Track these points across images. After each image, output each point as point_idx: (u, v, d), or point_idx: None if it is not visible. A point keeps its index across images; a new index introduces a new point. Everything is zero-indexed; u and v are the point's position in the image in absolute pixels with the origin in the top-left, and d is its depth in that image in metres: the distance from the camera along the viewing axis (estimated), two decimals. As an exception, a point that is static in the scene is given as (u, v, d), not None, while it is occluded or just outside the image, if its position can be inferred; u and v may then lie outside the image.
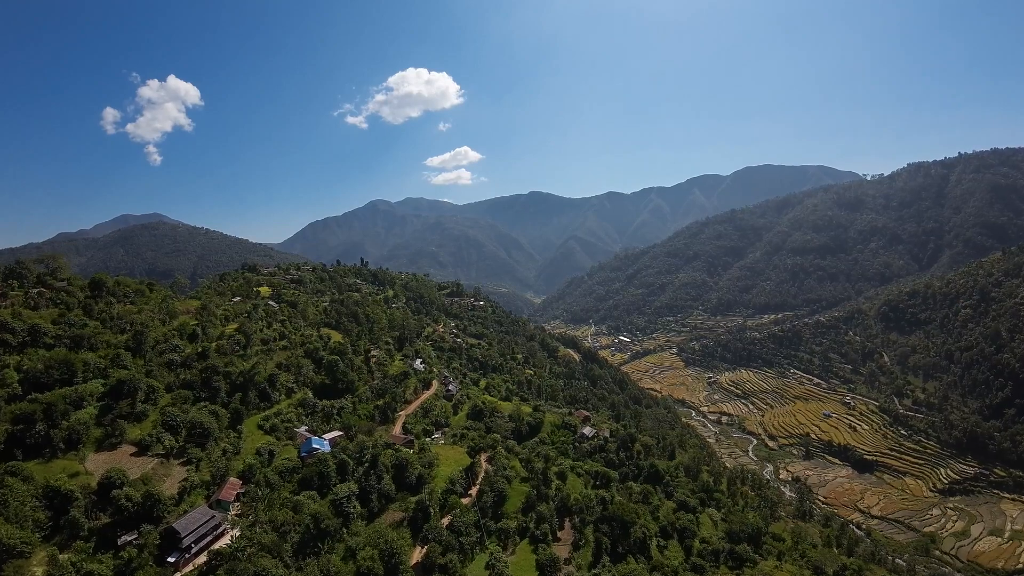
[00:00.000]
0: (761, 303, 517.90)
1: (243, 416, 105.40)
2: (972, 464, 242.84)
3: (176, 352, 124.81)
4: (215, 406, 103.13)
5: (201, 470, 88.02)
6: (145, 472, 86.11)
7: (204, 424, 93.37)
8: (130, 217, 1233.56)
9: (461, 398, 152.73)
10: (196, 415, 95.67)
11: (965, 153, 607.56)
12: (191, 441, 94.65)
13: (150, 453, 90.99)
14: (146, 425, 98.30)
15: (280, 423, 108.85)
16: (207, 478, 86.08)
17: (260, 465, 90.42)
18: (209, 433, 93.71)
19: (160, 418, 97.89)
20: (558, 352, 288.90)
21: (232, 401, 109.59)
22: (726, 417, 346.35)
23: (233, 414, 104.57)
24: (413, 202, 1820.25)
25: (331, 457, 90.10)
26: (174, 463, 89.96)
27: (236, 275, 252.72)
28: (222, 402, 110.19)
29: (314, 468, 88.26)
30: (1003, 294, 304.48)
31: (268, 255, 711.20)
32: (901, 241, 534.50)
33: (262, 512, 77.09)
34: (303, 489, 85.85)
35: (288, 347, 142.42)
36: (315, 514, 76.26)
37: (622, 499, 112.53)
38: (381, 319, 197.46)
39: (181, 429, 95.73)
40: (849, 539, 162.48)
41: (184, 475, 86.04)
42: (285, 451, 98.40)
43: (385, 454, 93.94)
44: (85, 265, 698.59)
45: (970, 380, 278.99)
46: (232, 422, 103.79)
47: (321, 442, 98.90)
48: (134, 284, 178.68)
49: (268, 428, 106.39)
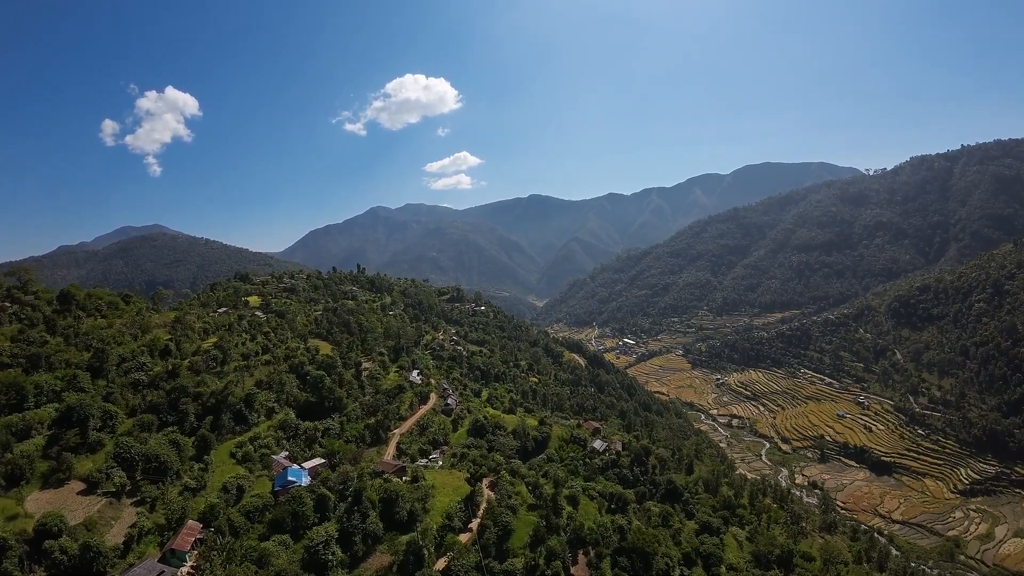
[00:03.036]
0: (767, 302, 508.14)
1: (211, 444, 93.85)
2: (992, 463, 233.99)
3: (143, 371, 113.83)
4: (175, 434, 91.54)
5: (156, 511, 76.51)
6: (90, 515, 74.61)
7: (160, 457, 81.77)
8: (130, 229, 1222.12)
9: (461, 412, 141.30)
10: (152, 446, 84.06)
11: (968, 145, 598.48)
12: (148, 476, 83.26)
13: (99, 491, 79.57)
14: (100, 457, 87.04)
15: (255, 450, 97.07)
16: (162, 521, 74.43)
17: (225, 504, 78.50)
18: (166, 467, 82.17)
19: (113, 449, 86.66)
20: (563, 357, 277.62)
21: (202, 426, 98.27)
22: (736, 420, 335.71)
23: (200, 441, 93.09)
24: (413, 208, 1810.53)
25: (308, 494, 78.12)
26: (126, 503, 78.60)
27: (226, 284, 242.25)
28: (191, 427, 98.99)
29: (288, 507, 76.16)
30: (1017, 287, 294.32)
31: (268, 264, 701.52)
32: (907, 235, 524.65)
33: (219, 568, 64.86)
34: (274, 532, 73.73)
35: (271, 362, 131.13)
36: (281, 572, 63.93)
37: (640, 524, 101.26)
38: (376, 328, 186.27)
39: (136, 462, 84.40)
40: (880, 552, 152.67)
41: (135, 519, 74.48)
42: (258, 484, 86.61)
43: (372, 486, 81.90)
44: (85, 278, 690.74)
45: (987, 376, 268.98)
46: (199, 451, 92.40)
47: (299, 473, 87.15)
48: (107, 296, 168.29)
49: (241, 457, 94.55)
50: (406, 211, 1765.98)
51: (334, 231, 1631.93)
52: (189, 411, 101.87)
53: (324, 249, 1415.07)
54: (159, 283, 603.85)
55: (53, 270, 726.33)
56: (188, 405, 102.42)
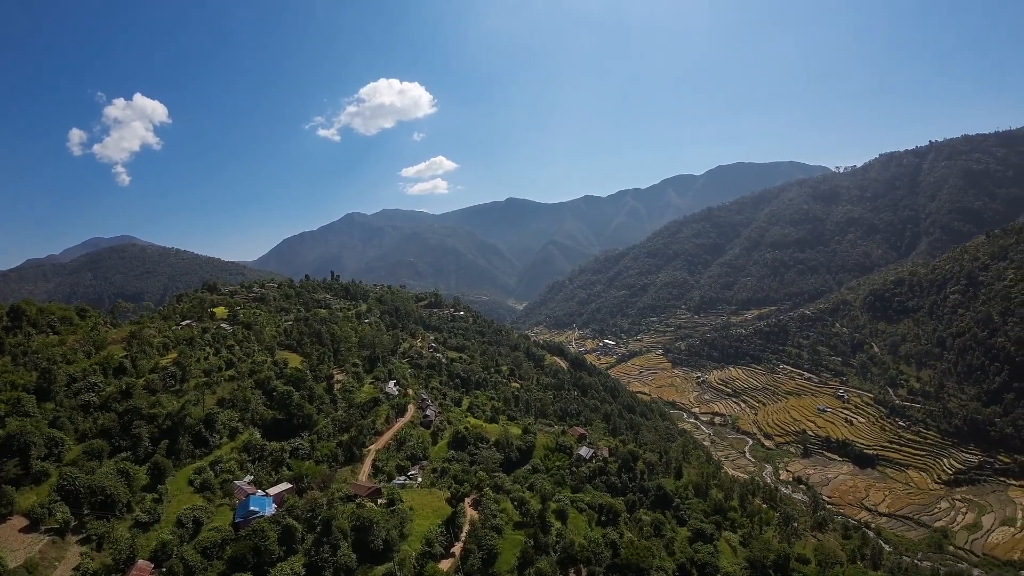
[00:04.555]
0: (743, 299, 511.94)
1: (166, 471, 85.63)
2: (975, 452, 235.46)
3: (94, 391, 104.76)
4: (125, 463, 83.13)
5: (103, 551, 68.43)
6: (31, 556, 66.60)
7: (107, 490, 73.56)
8: (99, 240, 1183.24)
9: (441, 424, 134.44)
10: (99, 477, 75.76)
11: (936, 141, 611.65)
12: (95, 511, 74.97)
13: (42, 528, 71.38)
14: (44, 489, 78.58)
15: (216, 476, 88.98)
16: (109, 562, 66.28)
17: (179, 541, 70.53)
18: (114, 501, 73.98)
19: (57, 481, 78.21)
20: (544, 361, 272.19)
21: (157, 451, 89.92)
22: (719, 417, 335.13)
23: (153, 469, 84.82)
24: (389, 213, 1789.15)
25: (271, 526, 70.55)
26: (71, 541, 70.52)
27: (192, 296, 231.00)
28: (145, 452, 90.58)
29: (249, 542, 68.39)
30: (991, 277, 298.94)
31: (241, 273, 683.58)
32: (878, 231, 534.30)
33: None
34: (234, 571, 65.92)
35: (236, 377, 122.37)
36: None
37: (633, 536, 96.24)
38: (350, 337, 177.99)
39: (82, 495, 76.02)
40: (872, 549, 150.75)
41: (79, 559, 66.41)
42: (218, 515, 78.77)
43: (343, 513, 74.66)
44: (52, 292, 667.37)
45: (965, 366, 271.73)
46: (153, 479, 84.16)
47: (262, 502, 79.36)
48: (60, 311, 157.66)
49: (200, 485, 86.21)
50: (382, 217, 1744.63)
51: (309, 239, 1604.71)
52: (143, 435, 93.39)
53: (299, 257, 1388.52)
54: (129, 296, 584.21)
55: (20, 284, 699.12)
56: (141, 428, 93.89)
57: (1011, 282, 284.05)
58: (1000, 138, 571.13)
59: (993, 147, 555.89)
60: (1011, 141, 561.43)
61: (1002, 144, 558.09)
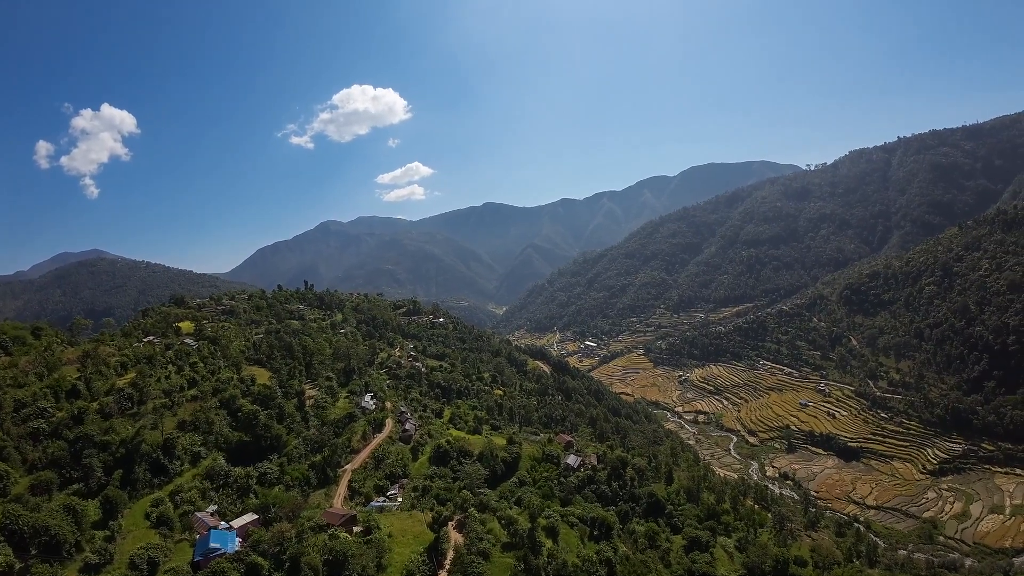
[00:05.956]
0: (721, 297, 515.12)
1: (120, 505, 78.01)
2: (959, 441, 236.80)
3: (43, 418, 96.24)
4: (71, 498, 75.31)
5: (45, 601, 61.15)
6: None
7: (51, 530, 66.06)
8: (68, 255, 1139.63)
9: (422, 438, 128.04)
10: (45, 516, 68.11)
11: (904, 137, 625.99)
12: (41, 554, 67.34)
13: (-21, 575, 63.69)
14: (-17, 531, 70.45)
15: (176, 508, 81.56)
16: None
17: (130, 586, 63.69)
18: (60, 543, 66.46)
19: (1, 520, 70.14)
20: (527, 366, 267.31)
21: (110, 481, 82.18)
22: (702, 416, 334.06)
23: (105, 503, 77.19)
24: (366, 220, 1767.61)
25: (233, 566, 63.80)
26: (11, 590, 62.88)
27: (157, 310, 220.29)
28: (98, 484, 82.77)
29: (208, 585, 62.15)
30: (966, 268, 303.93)
31: (214, 285, 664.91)
32: (850, 226, 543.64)
33: None
34: (191, 619, 60.08)
35: (199, 397, 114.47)
36: None
37: (628, 550, 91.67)
38: (324, 349, 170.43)
39: (27, 536, 68.26)
40: (868, 546, 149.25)
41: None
42: (177, 553, 71.51)
43: (314, 545, 68.17)
44: (21, 309, 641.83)
45: (943, 356, 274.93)
46: (106, 514, 76.52)
47: (224, 537, 72.23)
48: (12, 330, 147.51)
49: (156, 519, 78.75)
50: (359, 224, 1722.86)
51: (283, 248, 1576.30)
52: (94, 465, 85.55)
53: (273, 267, 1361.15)
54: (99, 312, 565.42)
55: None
56: (93, 458, 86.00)
57: (986, 271, 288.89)
58: (967, 132, 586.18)
59: (960, 141, 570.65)
60: (978, 134, 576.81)
61: (969, 138, 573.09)
